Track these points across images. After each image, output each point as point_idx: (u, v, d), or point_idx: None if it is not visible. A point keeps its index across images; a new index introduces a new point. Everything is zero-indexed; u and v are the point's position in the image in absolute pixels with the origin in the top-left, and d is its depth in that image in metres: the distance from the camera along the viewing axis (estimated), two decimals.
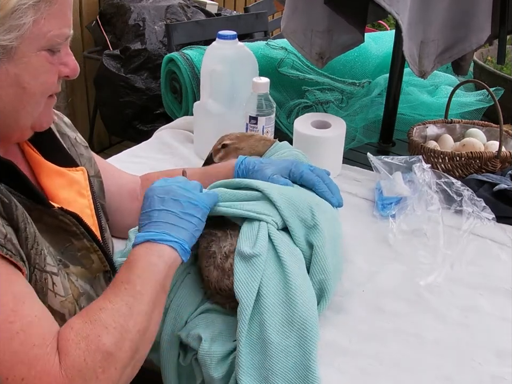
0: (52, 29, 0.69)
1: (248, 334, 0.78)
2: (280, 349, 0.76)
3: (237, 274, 0.81)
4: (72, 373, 0.62)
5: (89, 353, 0.64)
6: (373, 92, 1.59)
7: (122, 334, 0.66)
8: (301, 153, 1.10)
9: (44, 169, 0.81)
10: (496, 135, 1.34)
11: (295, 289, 0.80)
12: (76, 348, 0.64)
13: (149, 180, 1.04)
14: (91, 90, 3.02)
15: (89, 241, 0.76)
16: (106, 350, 0.64)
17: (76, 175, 0.83)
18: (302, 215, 0.89)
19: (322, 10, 1.34)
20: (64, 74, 0.74)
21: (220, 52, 1.33)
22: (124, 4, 2.76)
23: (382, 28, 3.92)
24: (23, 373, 0.60)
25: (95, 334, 0.65)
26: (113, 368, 0.65)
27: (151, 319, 0.70)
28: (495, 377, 0.80)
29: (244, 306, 0.78)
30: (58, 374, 0.62)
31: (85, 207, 0.82)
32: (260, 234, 0.85)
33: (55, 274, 0.69)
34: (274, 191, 0.90)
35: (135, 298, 0.69)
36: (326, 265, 0.86)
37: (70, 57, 0.75)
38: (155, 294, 0.71)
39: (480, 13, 1.29)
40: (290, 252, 0.85)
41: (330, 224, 0.92)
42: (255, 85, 1.25)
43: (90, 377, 0.63)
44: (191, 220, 0.77)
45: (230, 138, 1.11)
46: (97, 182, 0.93)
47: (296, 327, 0.78)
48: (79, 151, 0.91)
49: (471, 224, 1.11)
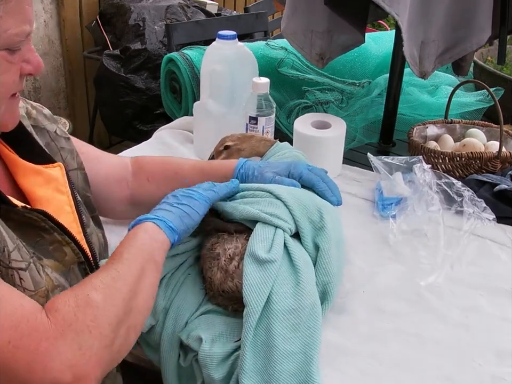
0: (9, 27, 0.65)
1: (253, 339, 0.77)
2: (284, 354, 0.76)
3: (247, 277, 0.80)
4: (63, 327, 0.61)
5: (79, 308, 0.63)
6: (373, 92, 1.59)
7: (112, 291, 0.67)
8: (301, 154, 1.10)
9: (20, 169, 0.80)
10: (497, 135, 1.33)
11: (306, 296, 0.80)
12: (65, 305, 0.63)
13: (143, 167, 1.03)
14: (91, 90, 3.02)
15: (60, 234, 0.75)
16: (96, 306, 0.64)
17: (53, 172, 0.82)
18: (312, 216, 0.89)
19: (322, 11, 1.34)
20: (27, 72, 0.71)
21: (220, 51, 1.32)
22: (124, 3, 2.76)
23: (382, 28, 3.92)
24: (8, 335, 0.58)
25: (84, 293, 0.65)
26: (107, 323, 0.64)
27: (140, 283, 0.71)
28: (495, 377, 0.80)
29: (252, 310, 0.78)
30: (48, 328, 0.60)
31: (64, 204, 0.81)
32: (276, 240, 0.84)
33: (23, 269, 0.67)
34: (284, 191, 0.90)
35: (123, 264, 0.71)
36: (331, 268, 0.86)
37: (32, 53, 0.71)
38: (144, 261, 0.73)
39: (481, 13, 1.29)
40: (303, 258, 0.85)
41: (335, 227, 0.92)
42: (255, 85, 1.25)
43: (82, 330, 0.62)
44: (181, 207, 0.82)
45: (232, 139, 1.11)
46: (81, 174, 0.92)
47: (301, 333, 0.77)
48: (59, 145, 0.89)
49: (472, 225, 1.11)
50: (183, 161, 1.05)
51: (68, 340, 0.60)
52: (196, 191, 0.85)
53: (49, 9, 2.84)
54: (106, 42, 2.77)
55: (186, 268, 0.90)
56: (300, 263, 0.83)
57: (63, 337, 0.60)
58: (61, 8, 2.86)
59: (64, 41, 2.94)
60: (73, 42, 2.98)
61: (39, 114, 0.89)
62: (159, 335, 0.85)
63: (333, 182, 0.99)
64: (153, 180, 1.01)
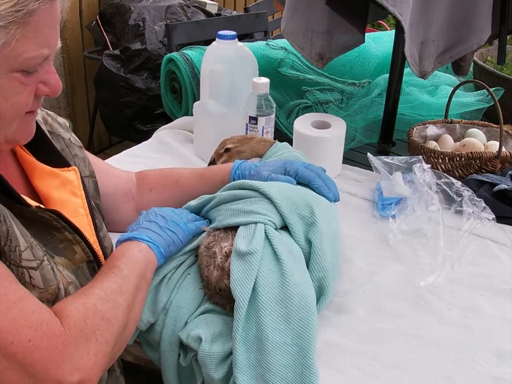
0: (26, 50, 0.64)
1: (244, 332, 0.78)
2: (276, 346, 0.76)
3: (233, 273, 0.81)
4: (75, 333, 0.65)
5: (88, 316, 0.67)
6: (372, 92, 1.59)
7: (115, 306, 0.71)
8: (300, 154, 1.10)
9: (37, 171, 0.81)
10: (496, 135, 1.34)
11: (292, 286, 0.80)
12: (75, 311, 0.67)
13: (145, 179, 1.06)
14: (91, 90, 3.02)
15: (71, 233, 0.76)
16: (103, 316, 0.69)
17: (68, 175, 0.83)
18: (301, 212, 0.90)
19: (322, 11, 1.34)
20: (43, 93, 0.71)
21: (220, 51, 1.32)
22: (124, 3, 2.76)
23: (382, 27, 3.92)
24: (28, 334, 0.61)
25: (91, 302, 0.69)
26: (110, 334, 0.69)
27: (136, 300, 0.76)
28: (496, 378, 0.80)
29: (239, 304, 0.79)
30: (63, 333, 0.64)
31: (79, 206, 0.83)
32: (256, 234, 0.85)
33: (33, 268, 0.69)
34: (272, 189, 0.91)
35: (122, 280, 0.75)
36: (325, 262, 0.86)
37: (51, 75, 0.70)
38: (139, 279, 0.78)
39: (481, 13, 1.29)
40: (288, 249, 0.85)
41: (330, 223, 0.92)
42: (255, 85, 1.25)
43: (90, 338, 0.66)
44: (170, 234, 0.87)
45: (232, 141, 1.11)
46: (92, 182, 0.93)
47: (293, 324, 0.78)
48: (73, 152, 0.90)
49: (471, 225, 1.11)
50: (182, 170, 1.08)
51: (79, 345, 0.65)
52: (181, 221, 0.90)
53: None
54: (106, 42, 2.77)
55: (186, 268, 0.90)
56: (283, 253, 0.84)
57: (76, 343, 0.65)
58: None
59: (64, 41, 2.94)
60: (73, 42, 2.98)
61: (54, 121, 0.91)
62: (159, 334, 0.85)
63: (330, 178, 1.00)
64: (155, 190, 1.06)
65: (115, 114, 2.70)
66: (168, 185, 1.05)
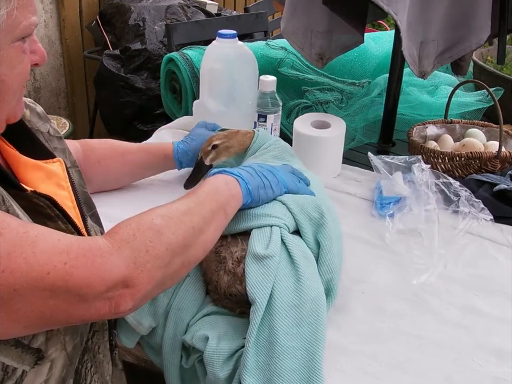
0: (24, 18, 0.68)
1: (257, 335, 0.77)
2: (286, 350, 0.75)
3: (250, 276, 0.80)
4: (120, 244, 0.64)
5: (139, 230, 0.67)
6: (372, 92, 1.59)
7: (177, 222, 0.70)
8: (287, 146, 1.11)
9: (21, 164, 0.80)
10: (496, 135, 1.33)
11: (306, 291, 0.80)
12: (126, 227, 0.67)
13: (93, 150, 1.12)
14: (91, 90, 3.02)
15: (64, 223, 0.75)
16: (158, 229, 0.68)
17: (53, 167, 0.83)
18: (311, 213, 0.90)
19: (322, 11, 1.34)
20: (34, 62, 0.74)
21: (220, 50, 1.32)
22: (124, 3, 2.76)
23: (382, 27, 3.92)
24: (61, 259, 0.60)
25: (149, 218, 0.69)
26: (165, 248, 0.67)
27: (207, 227, 0.75)
28: (496, 378, 0.80)
29: (257, 307, 0.78)
30: (101, 246, 0.63)
31: (66, 199, 0.82)
32: (272, 237, 0.85)
33: None
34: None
35: (196, 204, 0.75)
36: (333, 265, 0.87)
37: (38, 44, 0.74)
38: (216, 209, 0.78)
39: (480, 13, 1.29)
40: (303, 254, 0.85)
41: (335, 224, 0.93)
42: (264, 83, 1.26)
43: (139, 249, 0.65)
44: (263, 179, 0.88)
45: (218, 138, 1.10)
46: (76, 172, 0.92)
47: (303, 329, 0.77)
48: (52, 146, 0.89)
49: (467, 224, 1.11)
50: (130, 145, 1.18)
51: (123, 255, 0.64)
52: (278, 173, 0.92)
53: (49, 9, 2.84)
54: (106, 42, 2.77)
55: None
56: (299, 258, 0.83)
57: (119, 253, 0.64)
58: (61, 8, 2.86)
59: (64, 41, 2.95)
60: (73, 42, 2.98)
61: (32, 115, 0.89)
62: (161, 337, 0.85)
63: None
64: (104, 162, 1.13)
65: (115, 114, 2.70)
66: (116, 158, 1.14)
